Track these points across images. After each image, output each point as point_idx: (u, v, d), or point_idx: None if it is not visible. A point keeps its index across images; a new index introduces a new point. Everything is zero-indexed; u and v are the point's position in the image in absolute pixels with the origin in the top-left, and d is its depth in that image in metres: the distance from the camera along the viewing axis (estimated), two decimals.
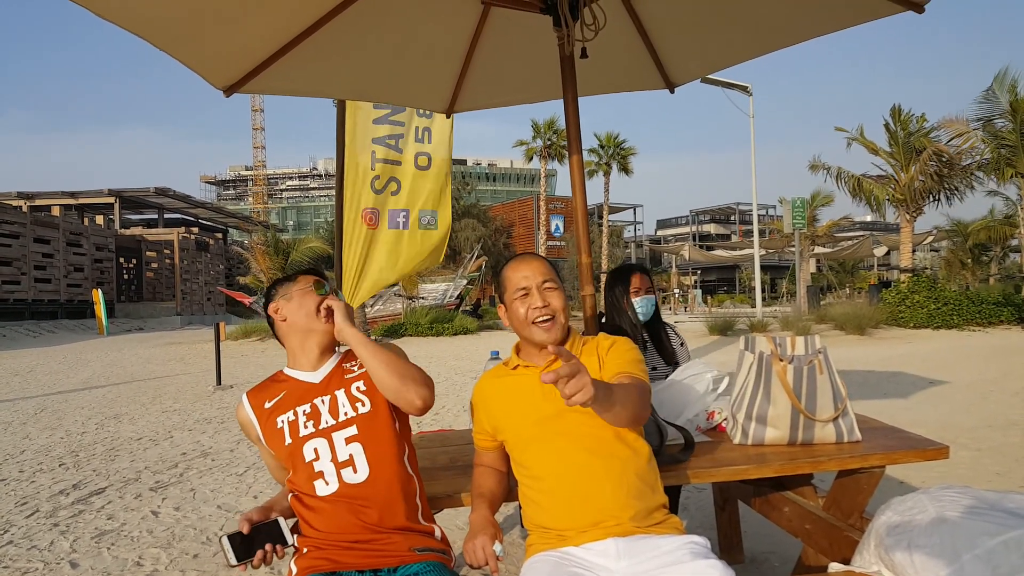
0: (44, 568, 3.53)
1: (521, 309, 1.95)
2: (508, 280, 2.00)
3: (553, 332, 1.92)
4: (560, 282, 2.01)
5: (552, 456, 1.84)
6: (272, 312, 2.03)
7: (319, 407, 1.92)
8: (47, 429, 7.36)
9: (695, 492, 4.39)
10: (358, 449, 1.86)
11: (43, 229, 27.23)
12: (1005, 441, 5.58)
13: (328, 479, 1.84)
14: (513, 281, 1.98)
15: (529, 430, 1.90)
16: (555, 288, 1.96)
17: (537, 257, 2.05)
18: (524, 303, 1.95)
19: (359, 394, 1.94)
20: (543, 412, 1.88)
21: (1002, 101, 16.89)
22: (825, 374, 2.31)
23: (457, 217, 43.21)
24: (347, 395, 1.94)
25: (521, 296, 1.95)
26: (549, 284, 1.96)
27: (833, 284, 39.43)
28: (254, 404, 1.97)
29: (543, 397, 1.89)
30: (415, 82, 3.57)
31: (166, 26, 2.43)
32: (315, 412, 1.91)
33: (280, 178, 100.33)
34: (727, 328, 17.05)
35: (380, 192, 5.76)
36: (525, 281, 1.96)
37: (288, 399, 1.95)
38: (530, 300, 1.94)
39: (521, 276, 1.97)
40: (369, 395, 1.94)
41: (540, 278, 1.96)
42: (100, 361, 15.28)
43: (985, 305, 17.96)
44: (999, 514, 1.71)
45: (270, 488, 4.83)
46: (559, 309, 1.95)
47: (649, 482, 1.86)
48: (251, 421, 1.96)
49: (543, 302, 1.93)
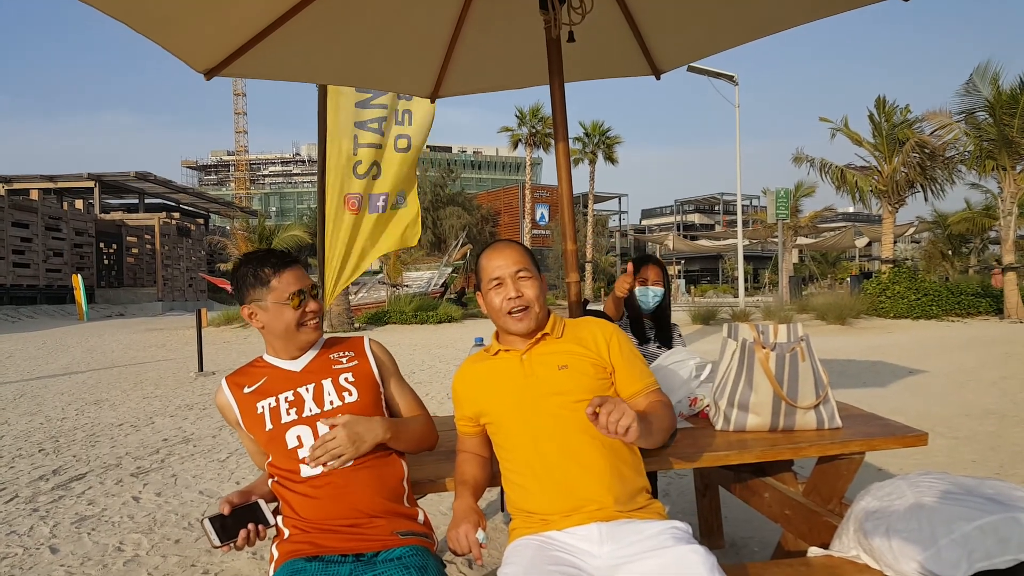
0: (23, 553, 3.50)
1: (496, 299, 1.93)
2: (483, 269, 1.98)
3: (526, 322, 1.91)
4: (536, 270, 1.98)
5: (535, 440, 1.83)
6: (246, 316, 1.95)
7: (303, 395, 1.90)
8: (26, 415, 7.28)
9: (676, 478, 4.42)
10: None
11: (21, 213, 26.86)
12: (981, 429, 5.66)
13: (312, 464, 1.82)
14: (488, 271, 1.96)
15: (511, 413, 1.89)
16: (529, 277, 1.93)
17: (512, 245, 2.02)
18: (499, 293, 1.93)
19: (347, 384, 1.92)
20: (525, 395, 1.87)
21: (984, 93, 17.01)
22: (807, 362, 2.32)
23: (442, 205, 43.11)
24: (334, 384, 1.92)
25: (495, 286, 1.93)
26: (523, 273, 1.93)
27: (815, 274, 39.77)
28: (233, 389, 1.94)
29: (524, 380, 1.89)
30: (399, 67, 3.53)
31: (145, 9, 2.39)
32: (298, 400, 1.89)
33: (263, 163, 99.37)
34: (710, 317, 17.16)
35: (363, 177, 5.72)
36: (499, 271, 1.93)
37: (269, 385, 1.93)
38: (504, 290, 1.92)
39: (495, 266, 1.94)
40: (358, 386, 1.93)
41: (514, 267, 1.93)
42: (80, 347, 15.13)
43: (964, 296, 18.21)
44: (976, 500, 1.73)
45: (252, 473, 4.81)
46: (533, 299, 1.92)
47: (632, 464, 1.87)
48: (230, 405, 1.93)
49: (516, 292, 1.91)
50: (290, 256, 2.00)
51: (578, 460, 1.80)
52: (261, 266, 1.92)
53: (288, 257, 1.98)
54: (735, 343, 2.40)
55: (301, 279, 1.94)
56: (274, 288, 1.90)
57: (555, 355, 1.91)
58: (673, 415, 1.93)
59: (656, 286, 3.22)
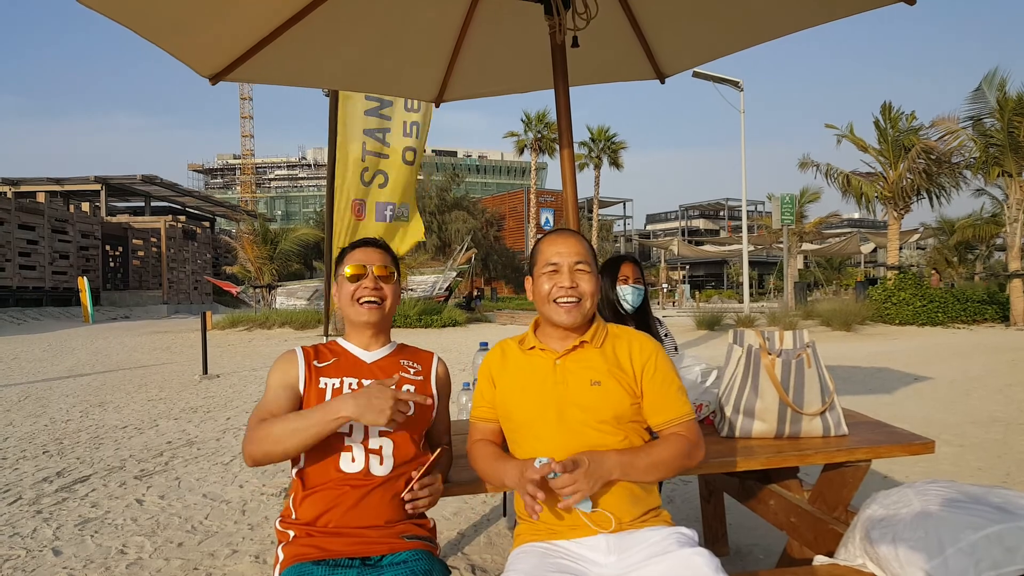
0: (26, 555, 3.50)
1: (546, 285, 1.85)
2: (540, 253, 1.90)
3: (574, 315, 1.82)
4: (596, 266, 1.90)
5: (552, 450, 1.76)
6: (333, 291, 2.03)
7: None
8: (31, 416, 7.29)
9: (681, 484, 4.40)
10: (388, 444, 1.84)
11: (28, 215, 26.93)
12: (987, 437, 5.63)
13: (356, 457, 1.80)
14: (545, 255, 1.88)
15: (534, 417, 1.82)
16: (588, 272, 1.85)
17: (576, 235, 1.93)
18: (551, 280, 1.85)
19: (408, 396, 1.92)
20: (551, 402, 1.81)
21: (990, 99, 16.99)
22: (813, 368, 2.31)
23: (447, 209, 43.17)
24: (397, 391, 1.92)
25: (550, 272, 1.85)
26: (582, 266, 1.85)
27: (820, 280, 39.64)
28: (306, 355, 1.93)
29: (553, 387, 1.82)
30: (403, 71, 3.54)
31: (152, 16, 2.41)
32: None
33: (268, 167, 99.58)
34: (714, 323, 17.13)
35: (368, 184, 5.76)
36: (557, 257, 1.85)
37: (338, 366, 1.93)
38: (558, 278, 1.84)
39: (555, 251, 1.87)
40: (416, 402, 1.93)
41: (574, 258, 1.85)
42: (85, 349, 15.16)
43: (970, 303, 18.16)
44: (983, 508, 1.72)
45: (255, 477, 4.81)
46: (587, 293, 1.84)
47: (647, 486, 1.82)
48: (296, 363, 1.90)
49: (571, 283, 1.82)
50: (373, 240, 2.06)
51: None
52: (347, 248, 2.03)
53: (370, 240, 2.05)
54: (741, 349, 2.39)
55: (369, 258, 1.99)
56: (345, 263, 1.99)
57: (590, 369, 1.83)
58: (687, 453, 1.80)
59: (637, 284, 3.14)
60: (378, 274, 1.97)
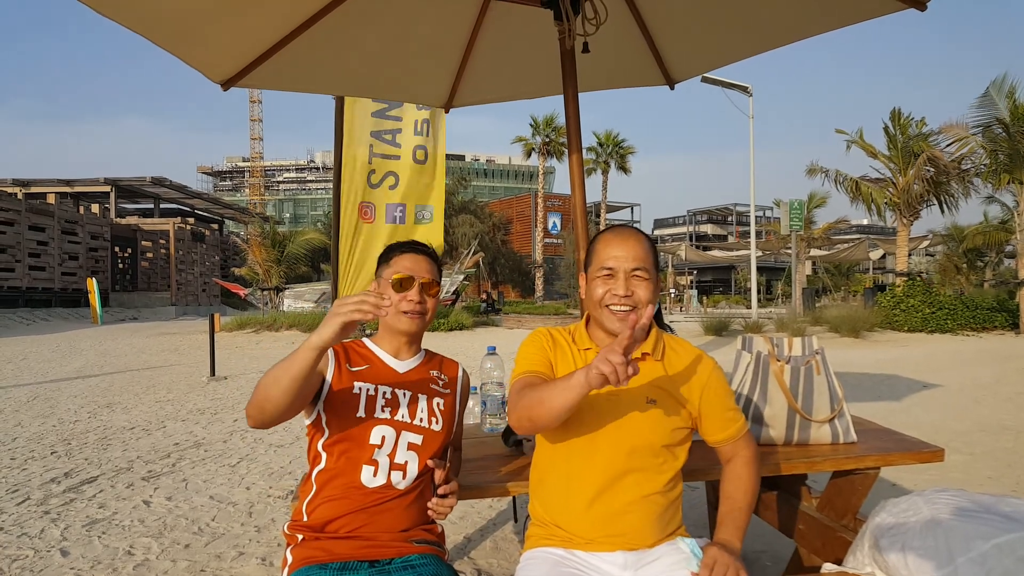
0: (34, 555, 3.52)
1: (599, 290, 1.74)
2: (596, 254, 1.78)
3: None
4: (656, 270, 1.76)
5: (590, 457, 1.70)
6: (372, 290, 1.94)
7: (399, 398, 1.87)
8: (39, 417, 7.33)
9: (689, 491, 4.39)
10: (414, 459, 1.84)
11: (38, 217, 27.08)
12: (997, 445, 5.59)
13: (380, 472, 1.80)
14: (601, 257, 1.76)
15: (579, 419, 1.68)
16: (646, 278, 1.72)
17: (636, 235, 1.78)
18: (605, 284, 1.73)
19: (437, 410, 1.92)
20: (600, 410, 1.70)
21: (999, 105, 16.91)
22: (822, 375, 2.30)
23: (454, 213, 43.18)
24: (428, 403, 1.91)
25: (604, 276, 1.74)
26: (640, 272, 1.72)
27: (828, 287, 39.50)
28: (337, 354, 1.87)
29: (606, 395, 1.69)
30: (413, 77, 3.56)
31: (165, 23, 2.44)
32: (395, 400, 1.86)
33: (277, 170, 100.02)
34: (722, 328, 17.08)
35: (376, 187, 5.77)
36: (613, 262, 1.73)
37: (372, 372, 1.89)
38: (612, 285, 1.72)
39: (611, 255, 1.74)
40: (445, 417, 1.93)
41: (632, 263, 1.72)
42: (94, 350, 15.23)
43: (979, 310, 18.06)
44: (994, 517, 1.71)
45: (263, 479, 4.82)
46: (644, 302, 1.71)
47: (675, 506, 1.79)
48: (328, 359, 1.84)
49: (626, 291, 1.70)
50: (422, 246, 2.00)
51: (625, 495, 1.69)
52: (395, 248, 1.98)
53: (419, 246, 1.99)
54: (749, 355, 2.38)
55: (418, 267, 1.93)
56: (391, 266, 1.94)
57: (648, 386, 1.72)
58: (758, 471, 1.83)
59: None
60: (424, 284, 1.92)
